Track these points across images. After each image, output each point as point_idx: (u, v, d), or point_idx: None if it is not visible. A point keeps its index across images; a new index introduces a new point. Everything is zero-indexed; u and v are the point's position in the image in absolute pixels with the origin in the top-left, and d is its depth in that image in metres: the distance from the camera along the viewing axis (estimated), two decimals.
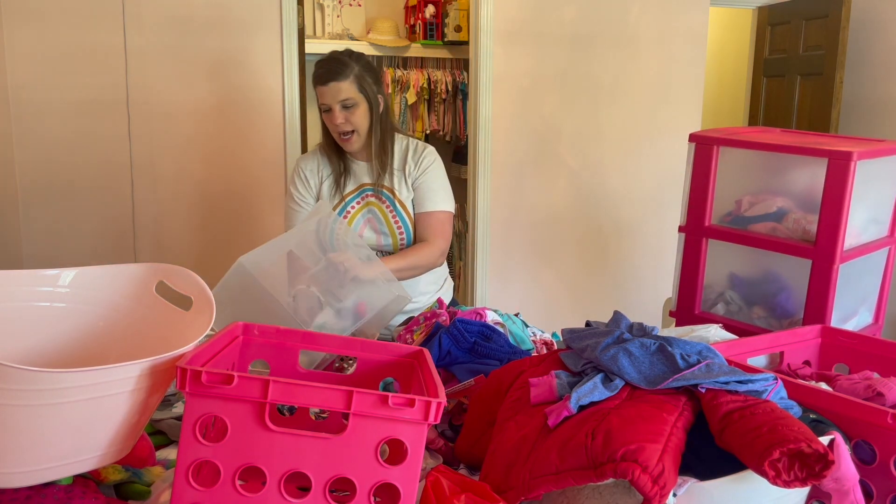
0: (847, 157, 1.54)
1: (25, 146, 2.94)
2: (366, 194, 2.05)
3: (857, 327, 1.80)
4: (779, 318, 1.77)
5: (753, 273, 1.83)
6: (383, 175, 2.03)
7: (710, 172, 1.77)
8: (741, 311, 1.84)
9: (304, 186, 2.06)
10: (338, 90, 1.93)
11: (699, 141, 1.81)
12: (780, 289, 1.79)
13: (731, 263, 1.85)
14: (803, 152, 1.65)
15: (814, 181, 1.63)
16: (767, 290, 1.81)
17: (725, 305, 1.88)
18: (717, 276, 1.86)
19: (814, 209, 1.63)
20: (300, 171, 2.07)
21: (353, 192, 2.05)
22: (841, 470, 0.93)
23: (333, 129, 1.98)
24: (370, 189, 2.04)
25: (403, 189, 2.05)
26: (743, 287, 1.85)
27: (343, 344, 1.15)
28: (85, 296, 1.15)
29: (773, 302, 1.80)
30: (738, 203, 1.81)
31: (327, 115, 1.97)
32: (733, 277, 1.86)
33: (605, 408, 0.98)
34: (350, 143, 1.98)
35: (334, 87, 1.93)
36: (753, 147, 1.74)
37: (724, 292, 1.88)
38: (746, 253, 1.78)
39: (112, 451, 0.96)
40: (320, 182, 2.06)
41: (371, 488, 0.88)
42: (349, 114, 1.95)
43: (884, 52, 3.87)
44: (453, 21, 4.10)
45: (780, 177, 1.79)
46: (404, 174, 2.05)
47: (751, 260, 1.82)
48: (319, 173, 2.06)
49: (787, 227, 1.71)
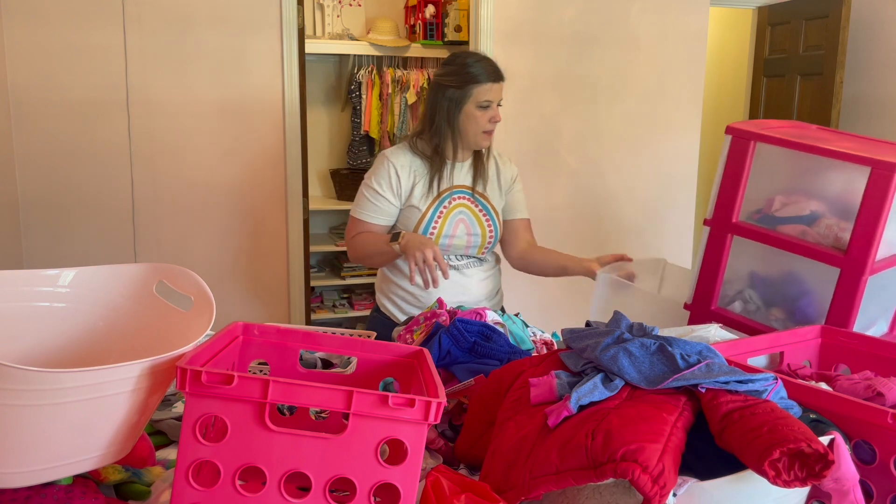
0: (891, 169, 1.50)
1: (25, 146, 2.94)
2: (460, 195, 2.09)
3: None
4: (798, 323, 1.73)
5: (776, 274, 1.79)
6: (480, 179, 2.11)
7: (744, 167, 1.72)
8: (758, 311, 1.81)
9: (388, 183, 2.04)
10: (501, 89, 2.04)
11: (736, 134, 1.74)
12: (802, 293, 1.75)
13: (753, 262, 1.80)
14: (846, 158, 1.59)
15: (851, 187, 1.58)
16: (788, 293, 1.77)
17: (743, 304, 1.85)
18: (737, 272, 1.82)
19: (848, 216, 1.58)
20: (390, 167, 2.04)
21: (447, 191, 2.07)
22: (841, 470, 0.93)
23: (485, 124, 2.03)
24: (465, 192, 2.09)
25: (496, 195, 2.15)
26: (763, 287, 1.80)
27: (343, 344, 1.15)
28: (85, 296, 1.15)
29: (793, 306, 1.76)
30: (769, 202, 1.76)
31: (484, 111, 2.01)
32: (754, 276, 1.82)
33: (605, 408, 0.98)
34: (489, 140, 2.07)
35: (501, 85, 2.04)
36: (794, 146, 1.67)
37: (744, 290, 1.84)
38: (771, 253, 1.73)
39: (112, 451, 0.96)
40: (412, 181, 2.05)
41: (371, 488, 0.88)
42: (500, 114, 2.05)
43: (884, 52, 3.87)
44: (453, 21, 4.10)
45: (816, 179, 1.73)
46: (499, 181, 2.16)
47: (775, 261, 1.77)
48: (412, 172, 2.05)
49: (818, 231, 1.66)
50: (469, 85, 2.00)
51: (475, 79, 2.00)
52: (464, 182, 2.10)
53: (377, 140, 4.38)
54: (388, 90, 4.29)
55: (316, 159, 4.56)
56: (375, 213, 2.05)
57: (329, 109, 4.61)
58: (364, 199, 2.06)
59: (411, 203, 2.04)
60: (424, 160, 2.06)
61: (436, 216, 2.04)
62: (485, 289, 2.16)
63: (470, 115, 2.02)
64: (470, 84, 2.00)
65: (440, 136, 2.04)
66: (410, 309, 2.10)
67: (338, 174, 4.46)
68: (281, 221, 3.30)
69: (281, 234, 3.31)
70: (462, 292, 2.08)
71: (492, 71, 2.02)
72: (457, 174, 2.10)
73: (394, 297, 2.14)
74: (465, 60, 2.03)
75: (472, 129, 2.03)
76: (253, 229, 3.27)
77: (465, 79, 2.00)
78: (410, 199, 2.04)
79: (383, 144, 4.34)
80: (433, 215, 2.04)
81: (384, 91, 4.31)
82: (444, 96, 2.02)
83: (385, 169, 2.04)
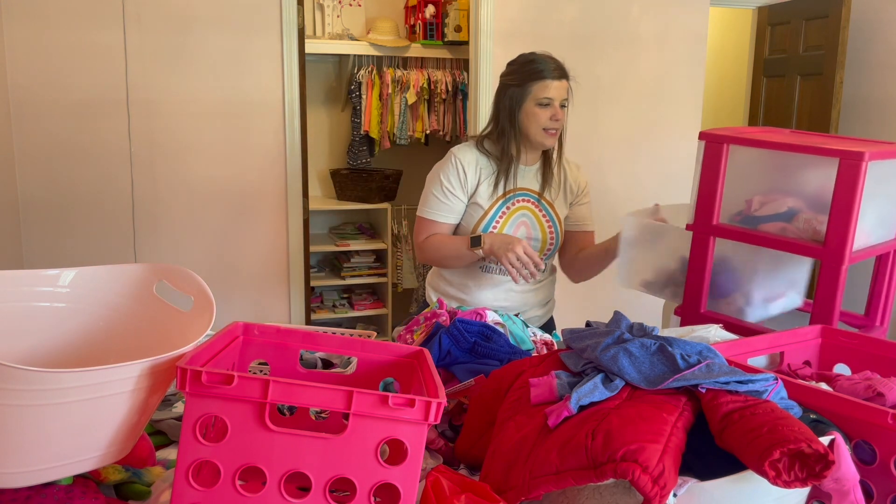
0: (859, 158, 1.53)
1: (25, 146, 2.94)
2: (525, 198, 2.07)
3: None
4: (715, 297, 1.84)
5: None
6: (547, 185, 2.09)
7: (720, 171, 1.77)
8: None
9: (457, 180, 2.03)
10: (564, 88, 2.03)
11: (709, 139, 1.80)
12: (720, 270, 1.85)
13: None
14: (814, 152, 1.64)
15: (825, 182, 1.63)
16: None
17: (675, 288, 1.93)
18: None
19: (824, 210, 1.62)
20: (458, 164, 2.04)
21: (512, 192, 2.05)
22: (841, 470, 0.93)
23: (545, 122, 2.00)
24: (530, 195, 2.08)
25: (561, 202, 2.14)
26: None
27: (343, 344, 1.15)
28: (85, 296, 1.15)
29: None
30: (748, 203, 1.81)
31: (544, 109, 2.00)
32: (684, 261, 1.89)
33: (605, 408, 0.98)
34: (553, 139, 2.04)
35: (563, 84, 2.02)
36: (764, 146, 1.73)
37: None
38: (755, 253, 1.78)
39: (112, 451, 0.96)
40: (478, 179, 2.04)
41: (371, 488, 0.88)
42: (562, 113, 2.03)
43: (884, 52, 3.87)
44: (453, 21, 4.10)
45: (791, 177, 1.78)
46: (566, 189, 2.15)
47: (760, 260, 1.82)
48: (478, 171, 2.04)
49: (797, 227, 1.70)
50: (529, 82, 1.99)
51: (535, 76, 1.99)
52: (530, 185, 2.09)
53: (377, 140, 4.38)
54: (388, 90, 4.29)
55: (316, 159, 4.56)
56: (446, 212, 2.04)
57: (329, 109, 4.61)
58: (433, 199, 2.05)
59: (475, 200, 2.03)
60: (491, 159, 2.05)
61: (498, 215, 2.03)
62: (536, 297, 2.16)
63: (530, 114, 2.00)
64: (529, 81, 1.99)
65: (505, 136, 2.03)
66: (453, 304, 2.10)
67: (338, 174, 4.46)
68: (281, 221, 3.30)
69: (281, 234, 3.31)
70: (506, 298, 2.09)
71: (553, 68, 2.01)
72: (523, 176, 2.08)
73: (440, 291, 2.15)
74: (527, 58, 2.03)
75: (532, 127, 2.01)
76: (253, 229, 3.27)
77: (525, 76, 2.00)
78: (475, 197, 2.03)
79: (383, 144, 4.34)
80: (495, 214, 2.03)
81: (384, 91, 4.31)
82: (506, 95, 2.02)
83: (453, 166, 2.04)
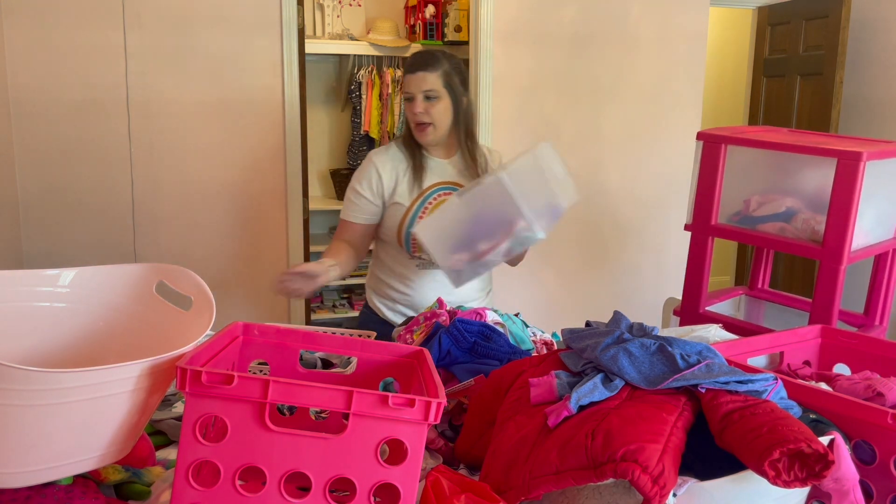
0: (857, 158, 1.53)
1: (25, 146, 2.94)
2: (447, 192, 2.07)
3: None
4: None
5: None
6: (465, 176, 2.08)
7: (718, 171, 1.77)
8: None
9: (368, 182, 2.05)
10: (423, 80, 1.98)
11: (707, 139, 1.80)
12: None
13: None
14: (812, 152, 1.64)
15: (823, 182, 1.62)
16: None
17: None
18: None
19: (823, 210, 1.62)
20: (372, 167, 2.06)
21: (431, 188, 2.06)
22: (841, 470, 0.93)
23: (412, 117, 2.01)
24: (451, 188, 2.07)
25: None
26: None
27: (343, 344, 1.15)
28: (85, 296, 1.15)
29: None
30: (746, 203, 1.80)
31: (409, 104, 2.01)
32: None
33: (605, 408, 0.98)
34: (425, 134, 2.02)
35: (420, 76, 1.98)
36: (762, 146, 1.72)
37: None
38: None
39: (112, 451, 0.96)
40: (395, 180, 2.05)
41: (371, 488, 0.88)
42: (430, 105, 1.99)
43: (884, 52, 3.87)
44: (453, 21, 4.10)
45: (789, 177, 1.78)
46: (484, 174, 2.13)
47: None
48: (396, 171, 2.06)
49: (795, 227, 1.70)
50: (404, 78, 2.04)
51: (405, 71, 2.03)
52: (451, 178, 2.09)
53: (377, 140, 4.38)
54: (388, 90, 4.29)
55: (316, 159, 4.56)
56: (355, 212, 2.07)
57: (329, 109, 4.61)
58: (347, 200, 2.09)
59: (395, 200, 2.04)
60: (408, 158, 2.07)
61: (420, 212, 2.04)
62: (473, 288, 2.14)
63: (406, 108, 2.04)
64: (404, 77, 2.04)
65: (407, 128, 2.07)
66: (401, 308, 2.12)
67: (338, 174, 4.46)
68: (281, 221, 3.30)
69: (281, 234, 3.31)
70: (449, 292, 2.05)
71: (412, 62, 2.02)
72: (443, 170, 2.09)
73: (382, 295, 2.15)
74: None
75: (409, 123, 2.04)
76: (253, 229, 3.27)
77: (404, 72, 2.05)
78: (395, 197, 2.04)
79: (383, 144, 4.33)
80: (417, 211, 2.04)
81: (384, 91, 4.31)
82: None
83: (366, 169, 2.07)
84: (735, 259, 4.85)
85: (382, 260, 2.14)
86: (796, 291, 2.27)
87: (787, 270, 4.10)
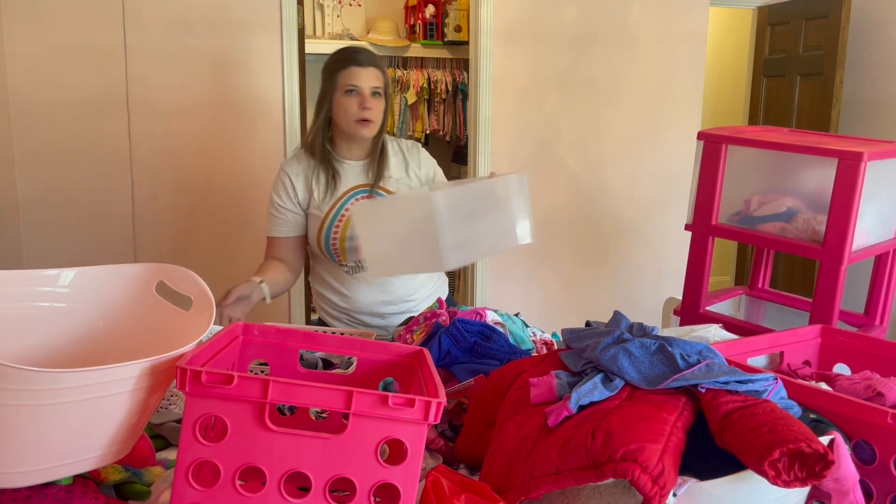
0: (857, 158, 1.53)
1: (25, 146, 2.94)
2: (364, 195, 2.01)
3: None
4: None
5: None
6: (380, 177, 2.02)
7: (718, 171, 1.76)
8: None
9: (285, 193, 2.01)
10: (373, 75, 1.96)
11: (707, 139, 1.80)
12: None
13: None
14: (813, 152, 1.63)
15: (824, 181, 1.62)
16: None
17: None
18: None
19: (823, 210, 1.62)
20: (285, 178, 2.01)
21: (347, 193, 2.00)
22: (841, 470, 0.93)
23: (355, 112, 1.94)
24: (365, 191, 2.01)
25: (406, 187, 2.05)
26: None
27: (343, 344, 1.15)
28: (85, 296, 1.15)
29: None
30: (746, 203, 1.80)
31: (351, 97, 1.94)
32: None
33: (605, 408, 0.98)
34: (368, 129, 1.96)
35: (372, 71, 1.96)
36: (762, 146, 1.72)
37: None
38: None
39: (112, 451, 0.96)
40: (309, 189, 2.00)
41: (371, 488, 0.88)
42: (375, 102, 1.96)
43: (884, 52, 3.87)
44: (453, 21, 4.10)
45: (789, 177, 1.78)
46: (408, 174, 2.07)
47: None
48: (308, 179, 2.00)
49: (796, 227, 1.70)
50: (336, 72, 1.96)
51: (339, 65, 1.96)
52: (363, 181, 2.03)
53: None
54: None
55: None
56: (279, 226, 2.02)
57: None
58: (269, 216, 2.04)
59: (310, 210, 2.00)
60: (319, 165, 2.01)
61: (336, 219, 1.98)
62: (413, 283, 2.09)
63: (339, 104, 1.95)
64: (335, 72, 1.96)
65: (316, 133, 2.00)
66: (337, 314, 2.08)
67: None
68: None
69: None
70: (384, 291, 2.04)
71: (358, 55, 1.96)
72: (354, 174, 2.03)
73: (323, 303, 2.11)
74: (336, 52, 2.00)
75: (342, 118, 1.95)
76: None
77: (331, 68, 1.97)
78: (310, 207, 2.00)
79: None
80: (334, 219, 1.98)
81: None
82: (320, 92, 2.00)
83: (280, 180, 2.02)
84: (735, 259, 4.85)
85: (316, 272, 2.11)
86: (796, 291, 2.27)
87: (788, 270, 4.10)
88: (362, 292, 2.03)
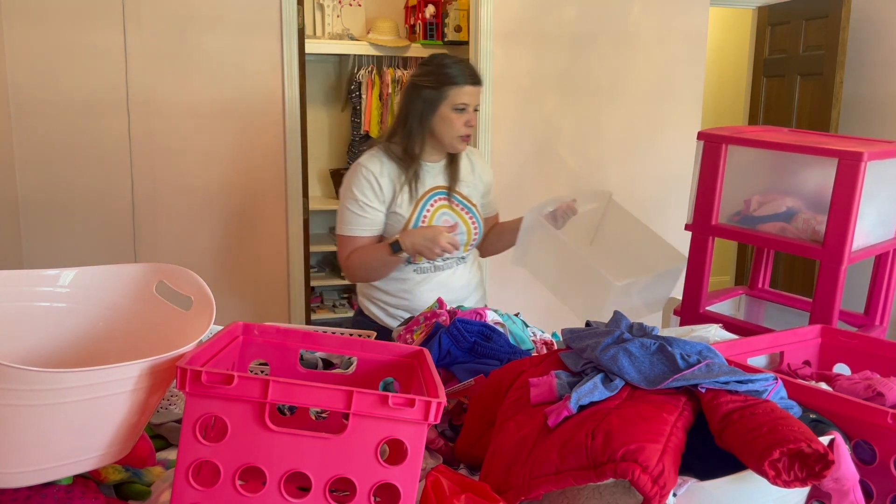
0: (858, 158, 1.53)
1: (25, 146, 2.94)
2: (440, 196, 2.07)
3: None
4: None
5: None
6: (456, 180, 2.09)
7: (718, 171, 1.76)
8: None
9: (371, 191, 1.99)
10: (478, 94, 2.01)
11: (707, 139, 1.80)
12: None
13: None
14: (813, 152, 1.63)
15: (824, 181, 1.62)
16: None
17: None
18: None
19: (824, 210, 1.62)
20: (370, 175, 2.00)
21: (427, 194, 2.05)
22: (841, 470, 0.93)
23: (460, 129, 1.99)
24: (443, 192, 2.08)
25: (475, 193, 2.15)
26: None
27: (343, 344, 1.15)
28: (85, 296, 1.15)
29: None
30: (746, 203, 1.80)
31: (459, 114, 1.97)
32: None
33: (605, 408, 0.98)
34: (465, 144, 2.05)
35: (478, 90, 2.01)
36: (762, 146, 1.72)
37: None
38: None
39: (112, 451, 0.96)
40: (394, 188, 2.01)
41: (371, 488, 0.88)
42: (476, 117, 2.02)
43: (884, 52, 3.87)
44: (453, 21, 4.10)
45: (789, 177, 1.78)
46: (475, 180, 2.16)
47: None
48: (392, 179, 2.01)
49: (796, 227, 1.70)
50: (445, 86, 1.96)
51: (452, 80, 1.96)
52: (440, 183, 2.08)
53: None
54: (388, 90, 4.29)
55: (316, 159, 4.56)
56: (366, 225, 2.01)
57: (329, 109, 4.61)
58: (350, 214, 2.01)
59: (394, 210, 2.01)
60: (399, 164, 2.02)
61: (420, 220, 2.02)
62: (468, 287, 2.17)
63: (445, 118, 1.98)
64: (446, 85, 1.96)
65: (411, 138, 2.00)
66: (400, 313, 2.09)
67: (338, 174, 4.46)
68: (281, 221, 3.30)
69: (281, 234, 3.31)
70: (447, 291, 2.07)
71: (469, 74, 1.98)
72: (432, 175, 2.07)
73: (378, 302, 2.12)
74: (442, 61, 2.00)
75: (446, 132, 1.99)
76: (253, 229, 3.27)
77: (441, 80, 1.96)
78: (393, 206, 2.01)
79: None
80: (418, 219, 2.01)
81: (384, 91, 4.31)
82: (420, 97, 1.98)
83: (364, 178, 2.00)
84: (735, 259, 4.85)
85: None
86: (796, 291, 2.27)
87: (788, 270, 4.10)
88: (426, 290, 2.07)
